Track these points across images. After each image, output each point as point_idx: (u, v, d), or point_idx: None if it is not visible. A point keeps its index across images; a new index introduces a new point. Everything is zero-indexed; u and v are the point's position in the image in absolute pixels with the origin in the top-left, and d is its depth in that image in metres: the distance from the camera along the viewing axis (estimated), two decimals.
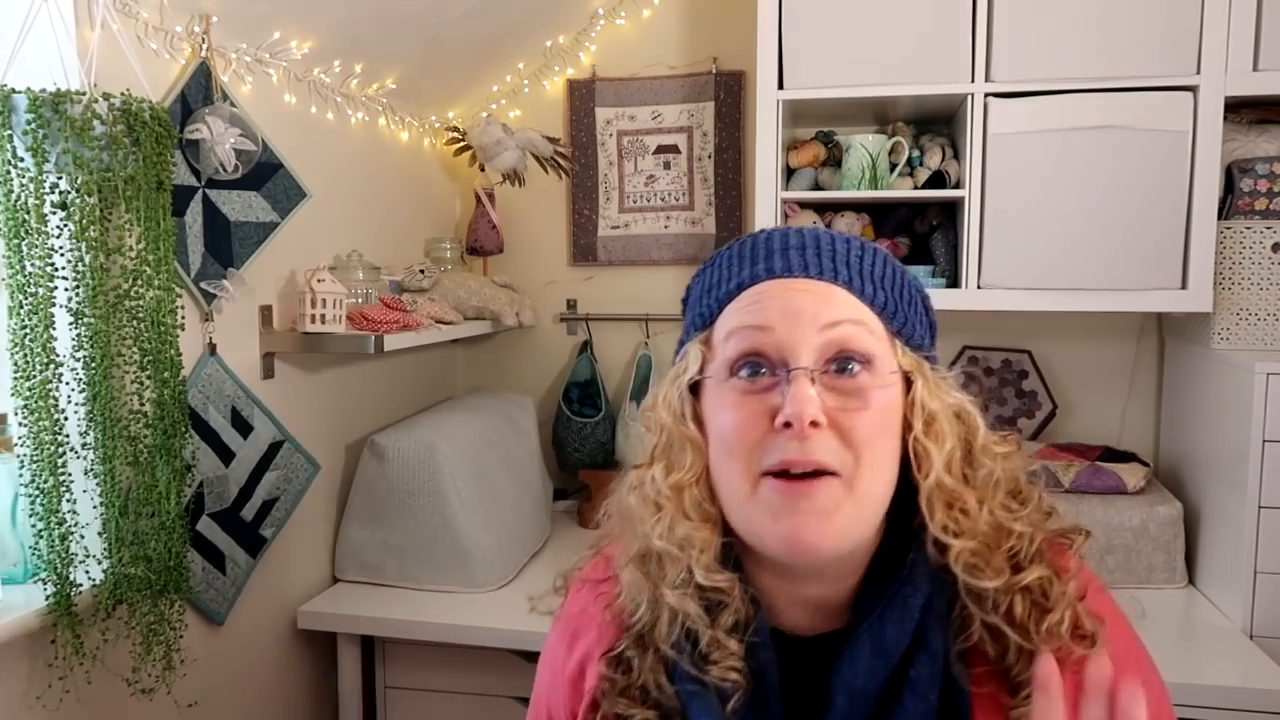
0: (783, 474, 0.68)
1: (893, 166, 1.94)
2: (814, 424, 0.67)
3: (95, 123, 1.17)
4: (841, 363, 0.70)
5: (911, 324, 0.75)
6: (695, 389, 0.75)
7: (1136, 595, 1.77)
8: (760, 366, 0.71)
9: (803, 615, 0.76)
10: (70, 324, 1.21)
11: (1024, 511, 0.73)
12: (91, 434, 1.24)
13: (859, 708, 0.69)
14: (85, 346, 1.22)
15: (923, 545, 0.72)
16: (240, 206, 1.59)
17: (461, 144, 2.27)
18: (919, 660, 0.69)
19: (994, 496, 0.72)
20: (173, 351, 1.32)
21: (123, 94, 1.22)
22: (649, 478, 0.76)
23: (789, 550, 0.68)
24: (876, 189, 1.92)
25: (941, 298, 1.89)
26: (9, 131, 1.14)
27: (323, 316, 1.65)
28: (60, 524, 1.21)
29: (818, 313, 0.70)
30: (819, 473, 0.67)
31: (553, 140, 2.29)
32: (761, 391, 0.70)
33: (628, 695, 0.75)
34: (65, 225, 1.19)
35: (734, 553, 0.74)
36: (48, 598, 1.22)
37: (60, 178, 1.18)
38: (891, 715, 0.69)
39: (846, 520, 0.68)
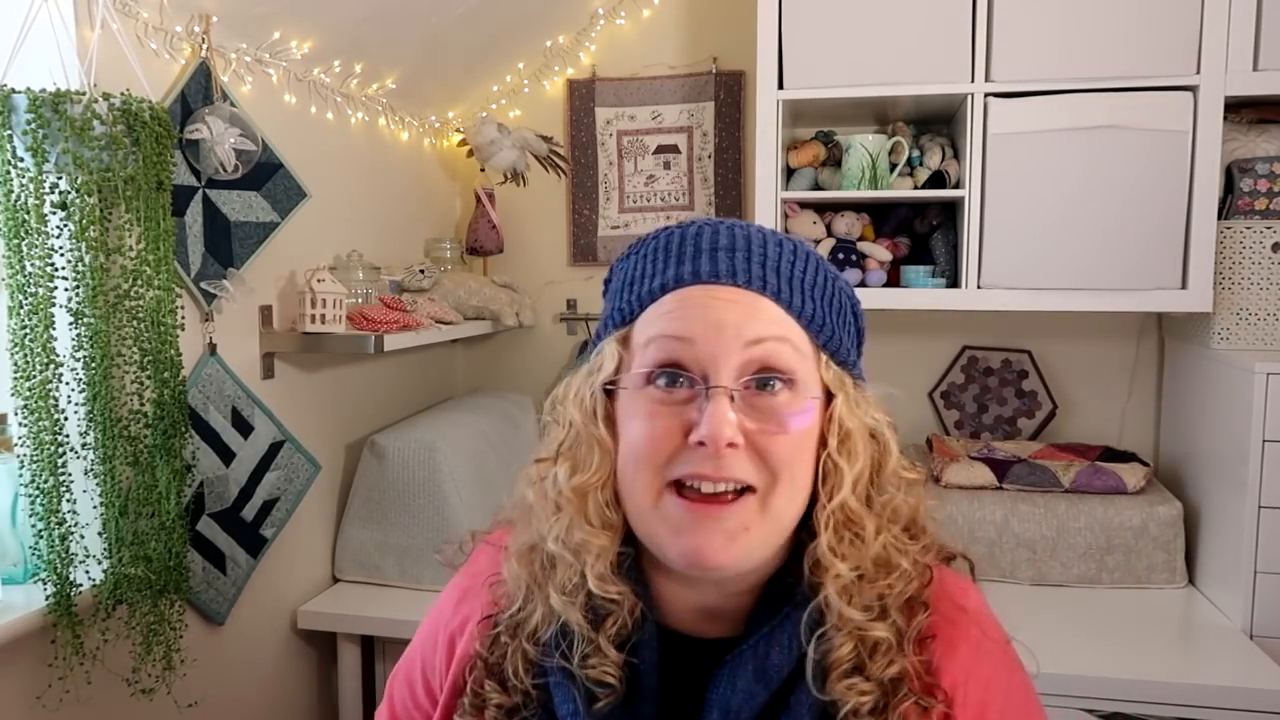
0: (690, 488, 0.66)
1: (893, 166, 1.94)
2: (730, 445, 0.65)
3: (95, 123, 1.16)
4: (763, 380, 0.67)
5: (838, 337, 0.72)
6: (610, 388, 0.72)
7: (1136, 595, 1.78)
8: (679, 377, 0.67)
9: (695, 620, 0.74)
10: (70, 324, 1.21)
11: (913, 547, 0.71)
12: (91, 434, 1.24)
13: None
14: (85, 346, 1.22)
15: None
16: (240, 206, 1.59)
17: (469, 145, 2.28)
18: (799, 686, 0.68)
19: (890, 527, 0.71)
20: (173, 351, 1.32)
21: (123, 94, 1.22)
22: (551, 475, 0.72)
23: (690, 566, 0.67)
24: (876, 189, 1.92)
25: (941, 298, 1.90)
26: (9, 131, 1.14)
27: (323, 316, 1.65)
28: (60, 524, 1.21)
29: (742, 327, 0.67)
30: (738, 491, 0.66)
31: (547, 139, 2.29)
32: (678, 404, 0.67)
33: (491, 676, 0.74)
34: (65, 225, 1.19)
35: (630, 561, 0.72)
36: (48, 598, 1.22)
37: (60, 178, 1.17)
38: None
39: (755, 540, 0.67)
